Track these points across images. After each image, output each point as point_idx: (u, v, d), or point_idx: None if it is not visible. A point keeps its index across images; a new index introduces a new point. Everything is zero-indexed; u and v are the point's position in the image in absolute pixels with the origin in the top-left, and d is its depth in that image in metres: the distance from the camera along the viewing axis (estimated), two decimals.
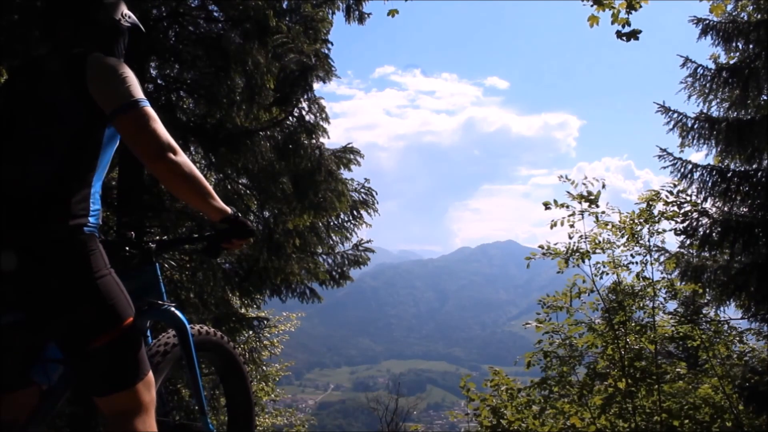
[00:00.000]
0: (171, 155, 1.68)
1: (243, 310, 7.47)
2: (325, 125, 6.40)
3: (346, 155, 6.63)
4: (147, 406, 1.73)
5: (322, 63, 5.90)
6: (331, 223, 7.14)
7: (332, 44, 6.26)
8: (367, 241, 7.49)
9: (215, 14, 6.06)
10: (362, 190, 7.22)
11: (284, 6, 6.12)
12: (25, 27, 4.89)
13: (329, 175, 6.21)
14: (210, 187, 1.80)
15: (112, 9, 1.86)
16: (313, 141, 6.31)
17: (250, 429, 2.38)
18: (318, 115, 6.34)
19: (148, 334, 2.05)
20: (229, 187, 6.63)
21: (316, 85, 5.99)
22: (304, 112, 6.28)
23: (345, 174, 6.64)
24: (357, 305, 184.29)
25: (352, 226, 7.27)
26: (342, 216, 7.10)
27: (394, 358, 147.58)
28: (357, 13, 6.52)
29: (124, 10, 1.90)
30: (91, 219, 1.69)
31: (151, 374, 1.76)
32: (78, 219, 1.65)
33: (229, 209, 1.87)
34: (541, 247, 5.34)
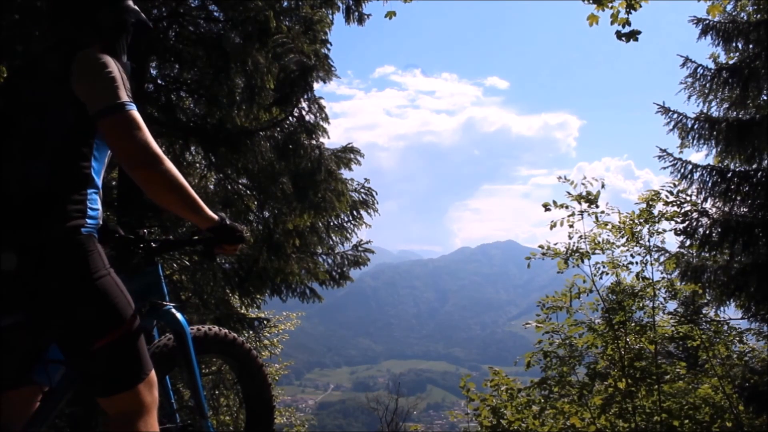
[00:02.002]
0: (150, 164, 1.63)
1: (243, 311, 7.47)
2: (325, 125, 6.42)
3: (346, 155, 6.64)
4: (149, 406, 1.72)
5: (321, 63, 5.91)
6: (331, 223, 7.14)
7: (331, 44, 6.28)
8: (367, 242, 7.49)
9: (215, 14, 6.07)
10: (362, 190, 7.22)
11: (284, 6, 6.12)
12: (25, 27, 4.89)
13: (329, 175, 6.21)
14: (195, 197, 1.75)
15: (115, 7, 1.81)
16: (313, 141, 6.31)
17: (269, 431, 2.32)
18: (318, 115, 6.35)
19: (155, 333, 2.04)
20: (229, 187, 6.63)
21: (316, 85, 6.01)
22: (304, 112, 6.29)
23: (345, 174, 6.65)
24: (357, 305, 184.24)
25: (352, 226, 7.27)
26: (342, 216, 7.10)
27: (394, 358, 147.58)
28: (357, 14, 6.52)
29: (129, 5, 1.85)
30: (89, 220, 1.67)
31: (153, 374, 1.75)
32: (75, 220, 1.63)
33: (216, 217, 1.83)
34: (541, 247, 5.35)
